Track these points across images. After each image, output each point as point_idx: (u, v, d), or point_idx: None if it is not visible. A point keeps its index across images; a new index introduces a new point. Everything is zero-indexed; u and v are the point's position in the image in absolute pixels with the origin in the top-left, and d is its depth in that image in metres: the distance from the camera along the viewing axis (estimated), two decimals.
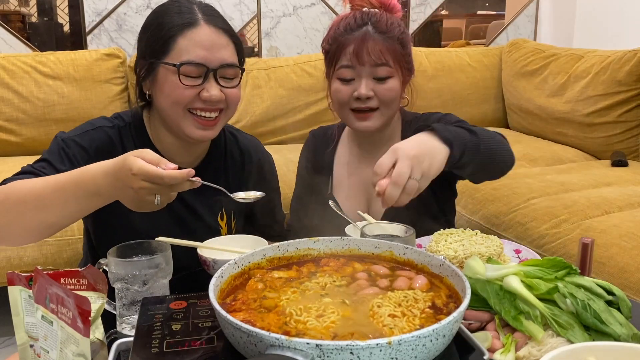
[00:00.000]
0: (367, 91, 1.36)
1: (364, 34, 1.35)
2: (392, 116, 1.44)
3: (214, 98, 1.20)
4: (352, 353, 0.66)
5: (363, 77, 1.36)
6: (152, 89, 1.25)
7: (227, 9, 3.30)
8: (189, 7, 1.23)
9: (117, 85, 2.88)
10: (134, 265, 0.97)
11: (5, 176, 1.16)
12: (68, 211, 1.05)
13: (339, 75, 1.40)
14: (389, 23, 1.38)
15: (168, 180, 0.94)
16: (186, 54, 1.19)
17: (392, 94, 1.38)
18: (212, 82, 1.20)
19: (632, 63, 2.73)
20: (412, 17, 3.70)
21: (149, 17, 1.28)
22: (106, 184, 1.00)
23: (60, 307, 0.78)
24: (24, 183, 1.09)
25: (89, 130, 1.27)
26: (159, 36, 1.21)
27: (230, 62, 1.22)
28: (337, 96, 1.42)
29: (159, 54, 1.21)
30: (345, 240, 0.99)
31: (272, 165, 1.51)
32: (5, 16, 3.03)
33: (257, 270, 0.93)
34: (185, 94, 1.19)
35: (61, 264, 2.02)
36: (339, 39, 1.39)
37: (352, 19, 1.40)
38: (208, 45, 1.19)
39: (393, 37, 1.36)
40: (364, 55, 1.34)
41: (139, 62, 1.26)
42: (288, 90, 3.06)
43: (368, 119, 1.40)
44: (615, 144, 2.83)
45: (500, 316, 0.89)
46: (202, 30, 1.20)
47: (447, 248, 1.14)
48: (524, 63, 3.31)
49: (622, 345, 0.75)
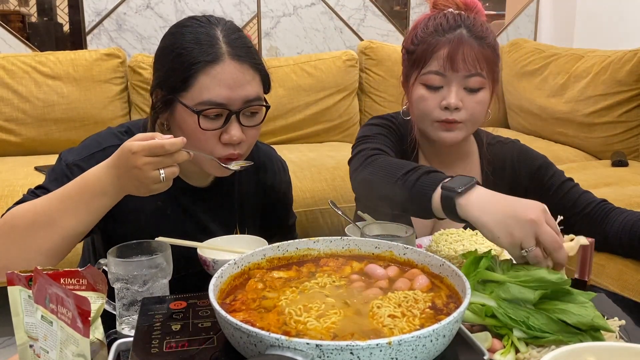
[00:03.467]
0: (457, 101, 1.24)
1: (458, 37, 1.24)
2: (474, 131, 1.35)
3: (235, 140, 1.13)
4: (352, 353, 0.66)
5: (453, 85, 1.25)
6: (170, 123, 1.19)
7: (227, 9, 3.30)
8: (212, 37, 1.13)
9: (117, 85, 2.88)
10: (134, 265, 0.97)
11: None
12: (79, 219, 1.04)
13: (426, 81, 1.27)
14: (485, 27, 1.27)
15: (169, 147, 0.96)
16: (207, 92, 1.10)
17: (481, 107, 1.28)
18: (234, 123, 1.13)
19: (632, 63, 2.73)
20: (412, 17, 3.69)
21: (167, 39, 1.18)
22: (110, 178, 1.01)
23: (60, 307, 0.78)
24: (27, 206, 1.07)
25: (95, 153, 1.19)
26: (178, 69, 1.12)
27: (254, 97, 1.14)
28: (421, 104, 1.28)
29: (177, 90, 1.13)
30: (345, 240, 0.99)
31: (287, 174, 1.46)
32: (5, 16, 3.03)
33: (257, 271, 0.93)
34: (205, 138, 1.12)
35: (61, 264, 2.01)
36: (428, 39, 1.26)
37: (443, 19, 1.27)
38: (232, 84, 1.11)
39: (489, 44, 1.26)
40: (459, 62, 1.23)
41: (156, 90, 1.18)
42: (288, 90, 3.06)
43: (454, 130, 1.28)
44: (615, 144, 2.83)
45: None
46: (227, 67, 1.11)
47: (447, 248, 1.14)
48: (524, 63, 3.31)
49: (622, 345, 0.75)
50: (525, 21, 3.95)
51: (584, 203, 1.33)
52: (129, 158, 0.97)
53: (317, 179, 2.55)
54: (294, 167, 2.66)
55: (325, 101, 3.14)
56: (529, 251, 0.89)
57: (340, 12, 3.52)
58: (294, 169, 2.59)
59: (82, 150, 1.21)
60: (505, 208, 0.92)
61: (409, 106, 1.34)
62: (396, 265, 0.95)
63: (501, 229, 0.91)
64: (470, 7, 1.31)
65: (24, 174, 2.37)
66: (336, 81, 3.15)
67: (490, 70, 1.27)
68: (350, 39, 3.57)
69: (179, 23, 1.19)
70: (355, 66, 3.21)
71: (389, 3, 3.64)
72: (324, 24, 3.50)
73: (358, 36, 3.57)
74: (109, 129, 1.27)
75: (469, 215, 0.95)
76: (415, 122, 1.35)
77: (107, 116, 2.83)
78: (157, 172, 0.97)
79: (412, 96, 1.31)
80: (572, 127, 2.98)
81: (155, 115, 1.19)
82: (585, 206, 1.33)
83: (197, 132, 1.12)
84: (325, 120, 3.17)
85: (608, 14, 3.43)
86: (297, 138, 3.13)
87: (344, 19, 3.54)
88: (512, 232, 0.90)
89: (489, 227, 0.92)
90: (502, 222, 0.91)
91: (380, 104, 3.27)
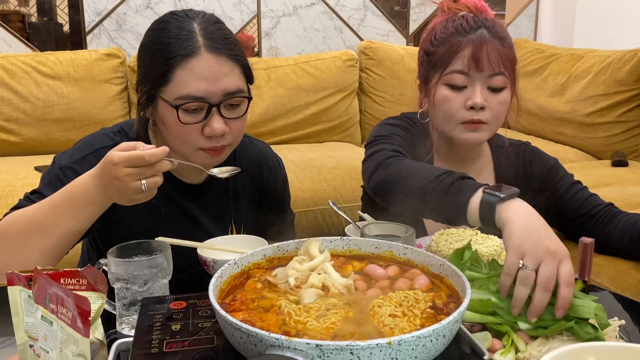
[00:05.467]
0: (482, 101, 1.24)
1: (481, 37, 1.24)
2: (496, 131, 1.35)
3: (217, 132, 1.13)
4: (352, 353, 0.66)
5: (477, 85, 1.25)
6: (155, 118, 1.19)
7: (227, 9, 3.30)
8: (189, 30, 1.13)
9: (116, 85, 2.88)
10: (134, 265, 0.97)
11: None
12: (67, 227, 1.05)
13: (449, 81, 1.27)
14: (503, 29, 1.28)
15: (149, 158, 0.96)
16: (185, 87, 1.11)
17: (504, 107, 1.29)
18: (215, 116, 1.13)
19: (632, 63, 2.73)
20: (412, 17, 3.70)
21: (147, 36, 1.18)
22: (95, 188, 1.02)
23: (60, 307, 0.78)
24: (20, 213, 1.08)
25: (88, 155, 1.19)
26: (157, 65, 1.13)
27: (235, 89, 1.14)
28: (445, 105, 1.28)
29: (157, 85, 1.13)
30: (345, 240, 0.99)
31: (283, 171, 1.46)
32: (5, 16, 3.03)
33: (257, 270, 0.93)
34: (187, 132, 1.13)
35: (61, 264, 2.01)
36: (450, 40, 1.26)
37: (462, 20, 1.28)
38: (209, 77, 1.11)
39: (509, 44, 1.27)
40: (483, 61, 1.23)
41: (140, 86, 1.18)
42: (288, 90, 3.06)
43: (478, 130, 1.28)
44: (615, 144, 2.83)
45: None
46: (203, 60, 1.11)
47: (447, 248, 1.14)
48: (524, 63, 3.31)
49: (622, 345, 0.75)
50: (525, 21, 3.95)
51: (591, 205, 1.34)
52: (111, 169, 0.97)
53: (317, 179, 2.55)
54: (294, 167, 2.67)
55: (325, 101, 3.13)
56: (525, 268, 0.85)
57: (340, 12, 3.52)
58: (294, 169, 2.59)
59: (75, 153, 1.21)
60: (538, 226, 0.89)
61: (430, 108, 1.34)
62: (396, 265, 0.95)
63: (519, 233, 0.88)
64: (481, 10, 1.32)
65: (24, 174, 2.37)
66: (336, 81, 3.15)
67: (511, 70, 1.28)
68: (350, 39, 3.57)
69: (159, 19, 1.19)
70: (355, 66, 3.21)
71: (389, 3, 3.64)
72: (324, 24, 3.50)
73: (358, 36, 3.57)
74: (102, 130, 1.27)
75: (506, 219, 0.91)
76: (436, 123, 1.34)
77: (107, 116, 2.83)
78: (139, 182, 0.97)
79: (435, 97, 1.30)
80: (572, 127, 2.98)
81: (141, 110, 1.21)
82: (592, 208, 1.34)
83: (178, 126, 1.13)
84: (325, 120, 3.17)
85: (608, 14, 3.43)
86: (297, 138, 3.13)
87: (344, 19, 3.54)
88: (523, 242, 0.87)
89: (512, 228, 0.89)
90: (524, 230, 0.88)
91: (380, 103, 3.27)
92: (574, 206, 1.36)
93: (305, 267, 0.89)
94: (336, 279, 0.87)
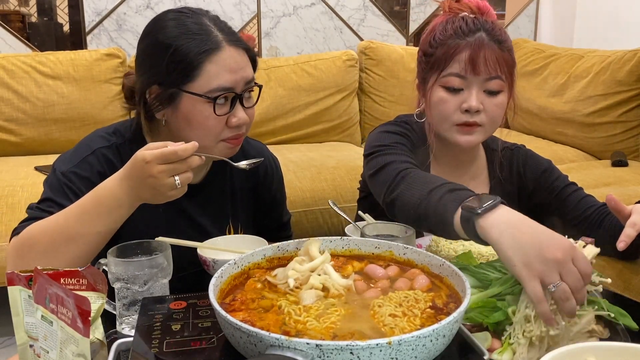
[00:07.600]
0: (478, 104, 1.25)
1: (479, 40, 1.24)
2: (491, 134, 1.35)
3: (242, 122, 1.17)
4: (352, 353, 0.66)
5: (474, 88, 1.25)
6: (173, 118, 1.18)
7: (227, 9, 3.30)
8: (203, 25, 1.16)
9: (117, 85, 2.87)
10: (134, 265, 0.97)
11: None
12: (96, 233, 1.04)
13: (446, 84, 1.27)
14: (503, 31, 1.28)
15: (182, 153, 0.97)
16: (215, 79, 1.13)
17: (500, 110, 1.29)
18: (238, 105, 1.17)
19: (632, 63, 2.73)
20: (412, 17, 3.70)
21: (153, 36, 1.18)
22: (124, 190, 1.02)
23: (60, 307, 0.78)
24: (44, 224, 1.07)
25: (87, 156, 1.19)
26: (181, 61, 1.13)
27: (251, 77, 1.20)
28: (441, 107, 1.28)
29: (181, 82, 1.14)
30: (345, 240, 0.99)
31: (279, 171, 1.47)
32: (5, 16, 3.03)
33: (257, 270, 0.93)
34: (215, 124, 1.15)
35: None
36: (449, 42, 1.26)
37: (462, 22, 1.28)
38: (235, 68, 1.15)
39: (508, 47, 1.27)
40: (480, 65, 1.23)
41: (151, 88, 1.17)
42: (288, 90, 3.06)
43: (472, 133, 1.28)
44: (615, 144, 2.83)
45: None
46: (227, 53, 1.15)
47: (447, 248, 1.14)
48: (524, 63, 3.31)
49: (622, 345, 0.75)
50: (525, 21, 3.95)
51: (584, 207, 1.34)
52: (143, 167, 0.97)
53: (317, 179, 2.55)
54: (294, 167, 2.67)
55: (325, 101, 3.14)
56: (557, 286, 0.81)
57: (340, 12, 3.52)
58: (294, 169, 2.59)
59: (73, 157, 1.20)
60: (530, 237, 0.84)
61: (426, 109, 1.34)
62: (396, 265, 0.95)
63: (519, 258, 0.83)
64: (483, 11, 1.31)
65: (24, 174, 2.37)
66: (336, 81, 3.15)
67: (509, 74, 1.28)
68: (350, 39, 3.57)
69: (162, 17, 1.19)
70: (355, 66, 3.21)
71: (389, 3, 3.64)
72: (324, 24, 3.50)
73: (358, 36, 3.57)
74: (96, 132, 1.27)
75: (488, 237, 0.87)
76: (431, 124, 1.34)
77: (107, 116, 2.83)
78: (172, 179, 0.98)
79: (431, 99, 1.30)
80: (572, 127, 2.98)
81: (150, 113, 1.19)
82: (585, 210, 1.33)
83: (208, 119, 1.14)
84: (325, 120, 3.17)
85: (608, 14, 3.43)
86: (297, 138, 3.13)
87: (344, 19, 3.54)
88: (530, 264, 0.82)
89: (507, 253, 0.84)
90: (521, 250, 0.83)
91: (380, 104, 3.27)
92: (568, 208, 1.35)
93: (306, 268, 0.89)
94: (336, 280, 0.87)
